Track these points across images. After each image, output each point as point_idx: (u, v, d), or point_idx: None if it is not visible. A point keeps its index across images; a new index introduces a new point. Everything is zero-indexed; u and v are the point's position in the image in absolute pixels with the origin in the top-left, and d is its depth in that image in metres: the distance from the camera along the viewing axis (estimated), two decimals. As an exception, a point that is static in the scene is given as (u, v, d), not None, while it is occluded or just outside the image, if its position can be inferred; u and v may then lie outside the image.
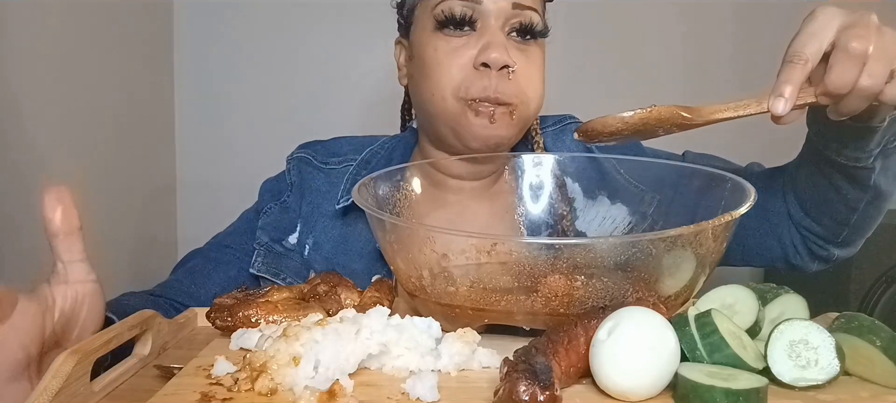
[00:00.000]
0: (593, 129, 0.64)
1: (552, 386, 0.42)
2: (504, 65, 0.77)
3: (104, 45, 1.26)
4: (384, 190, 0.75)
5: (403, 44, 0.89)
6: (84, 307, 0.52)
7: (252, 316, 0.59)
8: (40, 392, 0.42)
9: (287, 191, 0.91)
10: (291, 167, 0.93)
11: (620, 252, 0.56)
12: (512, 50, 0.79)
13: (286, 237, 0.88)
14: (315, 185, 0.90)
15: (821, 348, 0.48)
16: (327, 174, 0.91)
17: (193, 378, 0.50)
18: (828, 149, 0.71)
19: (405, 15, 0.87)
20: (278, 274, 0.85)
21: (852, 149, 0.69)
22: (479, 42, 0.78)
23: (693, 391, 0.44)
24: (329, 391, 0.45)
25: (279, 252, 0.87)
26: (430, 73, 0.80)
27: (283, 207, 0.90)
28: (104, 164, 1.26)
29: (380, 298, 0.63)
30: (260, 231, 0.88)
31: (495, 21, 0.79)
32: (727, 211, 0.56)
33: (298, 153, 0.94)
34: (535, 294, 0.56)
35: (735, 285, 0.57)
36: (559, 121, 0.96)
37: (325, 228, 0.88)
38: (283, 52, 1.60)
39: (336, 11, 1.59)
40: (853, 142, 0.69)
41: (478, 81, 0.78)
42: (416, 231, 0.64)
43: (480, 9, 0.78)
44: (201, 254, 0.89)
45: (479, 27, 0.79)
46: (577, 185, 0.86)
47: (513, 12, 0.79)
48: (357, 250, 0.86)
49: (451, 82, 0.78)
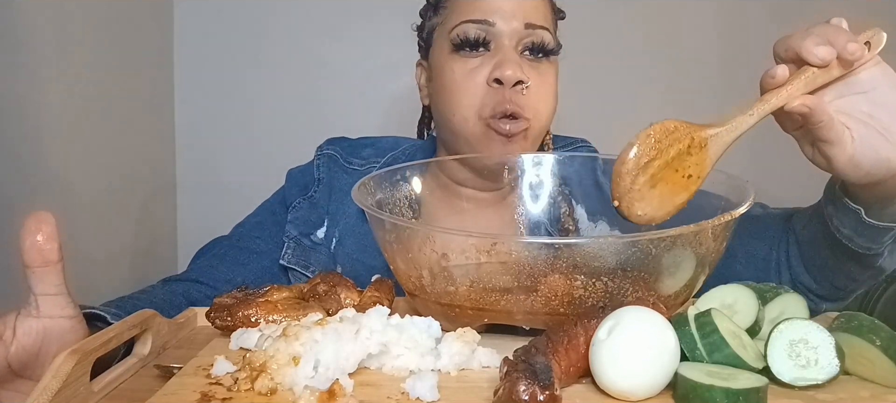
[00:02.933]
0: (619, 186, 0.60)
1: (552, 386, 0.42)
2: (518, 81, 0.80)
3: (104, 45, 1.26)
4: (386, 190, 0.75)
5: (423, 65, 0.93)
6: (54, 343, 0.50)
7: (252, 315, 0.59)
8: (40, 391, 0.42)
9: (314, 185, 0.94)
10: (320, 163, 0.96)
11: (620, 252, 0.56)
12: (525, 67, 0.82)
13: (314, 231, 0.91)
14: (340, 184, 0.93)
15: (821, 347, 0.48)
16: (351, 174, 0.94)
17: (193, 377, 0.50)
18: (842, 237, 0.69)
19: (425, 38, 0.91)
20: (308, 267, 0.88)
21: (866, 240, 0.67)
22: (493, 61, 0.82)
23: (693, 390, 0.44)
24: (329, 391, 0.45)
25: (307, 245, 0.90)
26: (450, 94, 0.83)
27: (311, 202, 0.93)
28: (104, 164, 1.26)
29: (380, 298, 0.63)
30: (289, 224, 0.91)
31: (509, 41, 0.82)
32: (727, 211, 0.56)
33: (327, 149, 0.97)
34: (535, 293, 0.56)
35: (735, 285, 0.57)
36: (571, 143, 0.98)
37: (349, 225, 0.91)
38: (283, 51, 1.60)
39: (337, 11, 1.59)
40: (868, 234, 0.67)
41: (492, 97, 0.81)
42: (415, 230, 0.64)
43: (494, 30, 0.82)
44: (229, 243, 0.91)
45: (494, 47, 0.83)
46: (581, 208, 0.88)
47: (525, 32, 0.82)
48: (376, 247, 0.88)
49: (470, 101, 0.82)
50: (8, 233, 0.97)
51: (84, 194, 1.19)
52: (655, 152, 0.59)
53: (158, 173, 1.55)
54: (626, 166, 0.58)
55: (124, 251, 1.36)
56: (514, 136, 0.81)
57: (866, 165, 0.59)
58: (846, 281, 0.76)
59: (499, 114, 0.80)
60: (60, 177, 1.13)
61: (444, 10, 0.87)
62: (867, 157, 0.59)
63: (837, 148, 0.59)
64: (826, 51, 0.56)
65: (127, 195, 1.37)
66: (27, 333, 0.49)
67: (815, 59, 0.56)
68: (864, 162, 0.59)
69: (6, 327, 0.49)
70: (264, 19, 1.59)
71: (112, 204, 1.30)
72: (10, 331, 0.49)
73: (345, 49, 1.60)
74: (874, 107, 0.58)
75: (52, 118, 1.11)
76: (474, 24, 0.82)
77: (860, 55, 0.56)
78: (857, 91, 0.59)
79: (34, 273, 0.49)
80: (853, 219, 0.66)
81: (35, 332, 0.49)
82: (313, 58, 1.60)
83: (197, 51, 1.58)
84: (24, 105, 1.04)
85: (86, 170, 1.19)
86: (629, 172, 0.58)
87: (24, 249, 0.48)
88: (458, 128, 0.83)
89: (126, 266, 1.36)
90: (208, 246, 0.92)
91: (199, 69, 1.58)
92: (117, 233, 1.33)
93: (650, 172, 0.59)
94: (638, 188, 0.59)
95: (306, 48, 1.60)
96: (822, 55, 0.56)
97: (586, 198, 0.87)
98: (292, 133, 1.57)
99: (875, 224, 0.65)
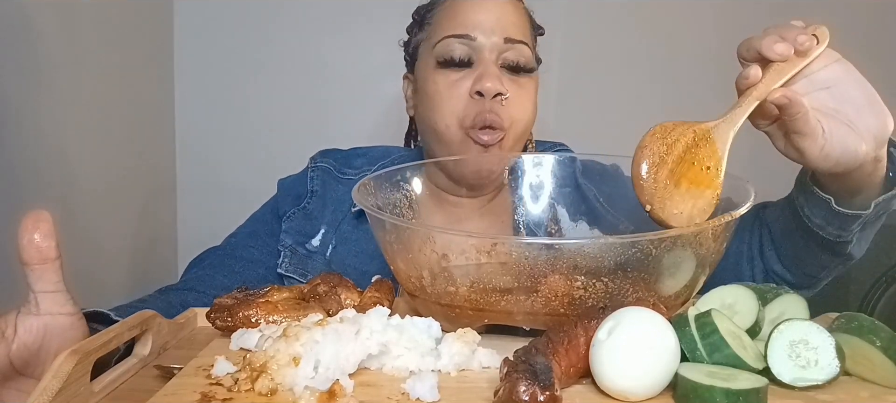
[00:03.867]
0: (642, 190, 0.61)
1: (552, 386, 0.42)
2: (497, 93, 0.84)
3: (104, 45, 1.26)
4: (386, 192, 0.76)
5: (410, 78, 0.98)
6: (54, 340, 0.50)
7: (252, 316, 0.59)
8: (40, 391, 0.42)
9: (308, 197, 0.96)
10: (314, 175, 0.98)
11: (620, 252, 0.56)
12: (505, 80, 0.86)
13: (309, 240, 0.94)
14: (335, 194, 0.97)
15: (821, 348, 0.48)
16: (345, 185, 0.97)
17: (193, 378, 0.50)
18: (814, 226, 0.73)
19: (411, 53, 0.96)
20: (305, 275, 0.90)
21: (836, 228, 0.72)
22: (475, 73, 0.86)
23: (693, 391, 0.44)
24: (329, 391, 0.45)
25: (303, 254, 0.92)
26: (435, 105, 0.88)
27: (305, 213, 0.95)
28: (105, 165, 1.26)
29: (380, 298, 0.63)
30: (284, 234, 0.93)
31: (489, 55, 0.86)
32: (727, 211, 0.56)
33: (321, 162, 1.00)
34: (535, 294, 0.56)
35: (735, 285, 0.57)
36: (551, 147, 1.03)
37: (344, 233, 0.93)
38: (283, 53, 1.60)
39: (337, 12, 1.59)
40: (838, 222, 0.71)
41: (474, 108, 0.85)
42: (416, 231, 0.64)
43: (475, 45, 0.86)
44: (223, 252, 0.93)
45: (475, 61, 0.87)
46: (563, 209, 0.90)
47: (505, 46, 0.87)
48: (369, 252, 0.91)
49: (453, 111, 0.86)
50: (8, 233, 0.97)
51: (84, 195, 1.19)
52: (665, 147, 0.60)
53: (158, 174, 1.55)
54: (643, 166, 0.60)
55: (124, 252, 1.36)
56: (490, 147, 0.86)
57: (836, 156, 0.62)
58: (817, 269, 0.80)
59: (479, 124, 0.84)
60: (61, 178, 1.13)
61: (428, 25, 0.92)
62: (836, 149, 0.62)
63: (810, 140, 0.62)
64: (783, 46, 0.61)
65: (127, 196, 1.37)
66: (28, 330, 0.49)
67: (774, 55, 0.61)
68: (834, 153, 0.62)
69: (7, 325, 0.49)
70: (264, 21, 1.59)
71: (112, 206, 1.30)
72: (11, 329, 0.49)
73: (345, 50, 1.60)
74: (839, 102, 0.62)
75: (53, 119, 1.11)
76: (456, 38, 0.86)
77: (810, 46, 0.61)
78: (821, 87, 0.63)
79: (33, 270, 0.49)
80: (824, 208, 0.70)
81: (36, 329, 0.49)
82: (313, 59, 1.61)
83: (197, 52, 1.58)
84: (25, 106, 1.04)
85: (86, 171, 1.19)
86: (649, 171, 0.60)
87: (22, 247, 0.49)
88: (440, 135, 0.88)
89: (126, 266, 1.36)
90: (201, 257, 0.93)
91: (199, 70, 1.58)
92: (117, 234, 1.33)
93: (668, 168, 0.60)
94: (662, 185, 0.60)
95: (306, 50, 1.60)
96: (780, 50, 0.61)
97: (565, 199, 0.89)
98: (292, 134, 1.57)
99: (845, 212, 0.69)
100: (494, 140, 0.85)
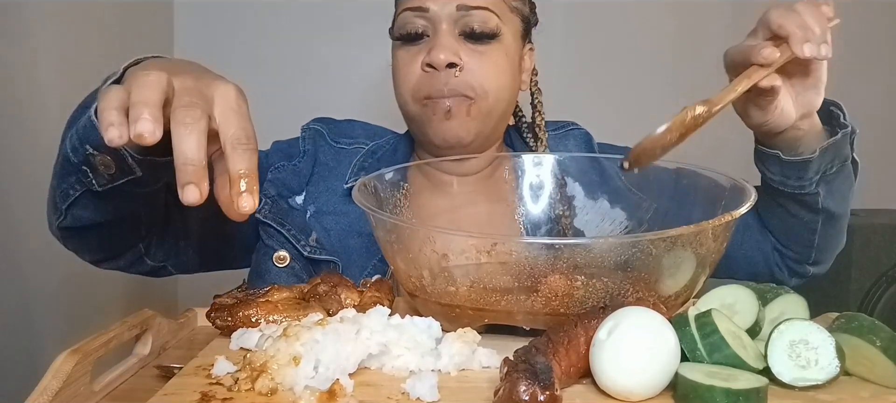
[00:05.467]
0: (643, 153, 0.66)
1: (552, 386, 0.42)
2: (448, 63, 0.82)
3: (104, 45, 1.26)
4: (385, 189, 0.75)
5: None
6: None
7: (252, 315, 0.59)
8: (40, 391, 0.42)
9: (299, 156, 0.95)
10: (306, 136, 0.97)
11: (620, 252, 0.56)
12: (463, 50, 0.84)
13: (293, 196, 0.92)
14: (325, 159, 0.95)
15: (821, 348, 0.48)
16: (337, 152, 0.96)
17: (193, 378, 0.50)
18: (776, 183, 0.81)
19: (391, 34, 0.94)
20: (283, 225, 0.89)
21: (795, 179, 0.79)
22: (429, 46, 0.84)
23: (693, 391, 0.44)
24: (329, 391, 0.45)
25: (284, 207, 0.91)
26: (396, 82, 0.88)
27: (293, 169, 0.94)
28: (104, 165, 1.25)
29: (380, 298, 0.63)
30: (268, 183, 0.92)
31: (445, 25, 0.84)
32: (727, 211, 0.56)
33: (314, 125, 0.99)
34: (536, 294, 0.56)
35: (735, 285, 0.57)
36: (562, 126, 1.01)
37: (329, 201, 0.92)
38: (283, 52, 1.60)
39: (336, 11, 1.59)
40: (794, 173, 0.79)
41: (427, 81, 0.84)
42: (416, 231, 0.64)
43: (429, 15, 0.84)
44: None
45: (432, 33, 0.85)
46: (577, 185, 0.89)
47: (458, 15, 0.84)
48: (357, 229, 0.89)
49: (407, 85, 0.86)
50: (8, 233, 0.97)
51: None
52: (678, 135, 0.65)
53: (158, 174, 1.54)
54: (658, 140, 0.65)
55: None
56: (451, 111, 0.83)
57: (773, 121, 0.74)
58: (806, 233, 0.85)
59: (435, 95, 0.83)
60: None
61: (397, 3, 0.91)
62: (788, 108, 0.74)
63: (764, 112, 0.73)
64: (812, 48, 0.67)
65: (127, 195, 1.36)
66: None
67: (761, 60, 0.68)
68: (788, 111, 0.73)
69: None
70: (264, 21, 1.59)
71: (112, 205, 1.29)
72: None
73: (344, 51, 1.60)
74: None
75: (53, 120, 1.11)
76: (411, 11, 0.85)
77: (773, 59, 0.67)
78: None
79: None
80: (776, 162, 0.79)
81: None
82: (313, 59, 1.61)
83: (197, 53, 1.57)
84: (25, 106, 1.04)
85: (86, 170, 1.19)
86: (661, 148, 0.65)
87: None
88: (405, 112, 0.89)
89: (126, 266, 1.35)
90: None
91: (199, 70, 1.58)
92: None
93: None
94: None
95: (306, 50, 1.60)
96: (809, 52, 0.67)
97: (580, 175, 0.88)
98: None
99: (792, 159, 0.78)
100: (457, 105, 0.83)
